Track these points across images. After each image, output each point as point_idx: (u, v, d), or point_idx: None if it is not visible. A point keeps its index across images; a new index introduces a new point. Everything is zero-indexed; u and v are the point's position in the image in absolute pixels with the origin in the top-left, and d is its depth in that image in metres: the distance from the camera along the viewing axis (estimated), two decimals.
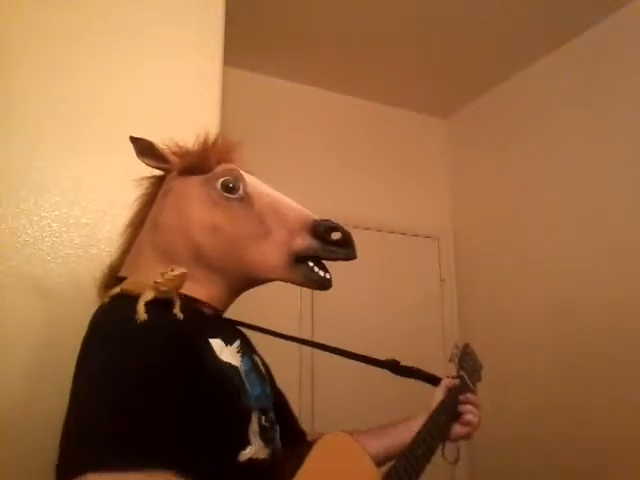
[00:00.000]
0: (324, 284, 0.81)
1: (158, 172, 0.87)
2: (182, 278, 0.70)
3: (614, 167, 2.25)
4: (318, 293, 2.65)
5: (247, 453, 0.69)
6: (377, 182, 2.98)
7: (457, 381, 1.02)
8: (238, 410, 0.72)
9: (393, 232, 2.96)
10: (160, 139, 0.85)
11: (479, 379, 1.11)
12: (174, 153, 0.85)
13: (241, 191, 0.80)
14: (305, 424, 0.97)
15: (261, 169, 0.81)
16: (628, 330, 2.09)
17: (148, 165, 0.85)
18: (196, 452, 0.59)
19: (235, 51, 2.29)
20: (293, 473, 0.67)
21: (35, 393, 1.05)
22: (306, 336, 2.54)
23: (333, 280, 0.80)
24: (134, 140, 0.84)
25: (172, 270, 0.70)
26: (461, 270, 3.04)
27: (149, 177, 0.88)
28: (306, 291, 2.55)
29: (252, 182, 0.83)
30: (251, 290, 0.84)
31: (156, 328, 0.67)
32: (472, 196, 3.06)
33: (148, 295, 0.69)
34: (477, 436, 0.97)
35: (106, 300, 0.74)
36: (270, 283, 0.83)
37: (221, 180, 0.80)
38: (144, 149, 0.84)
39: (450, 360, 1.09)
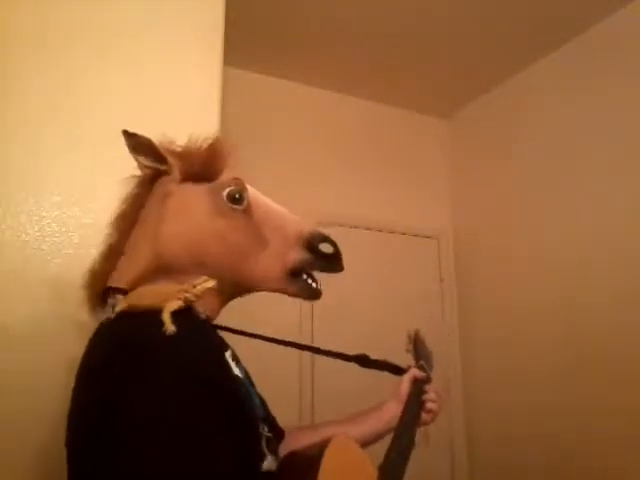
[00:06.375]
0: (316, 295, 0.85)
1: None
2: (209, 291, 0.69)
3: (614, 166, 2.25)
4: None
5: (265, 465, 0.68)
6: (377, 182, 2.98)
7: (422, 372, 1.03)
8: (254, 421, 0.70)
9: (393, 232, 2.96)
10: (160, 138, 0.83)
11: (432, 366, 1.11)
12: (172, 153, 0.81)
13: (246, 202, 0.80)
14: (305, 424, 0.97)
15: (261, 169, 0.81)
16: (630, 329, 2.08)
17: (141, 163, 0.82)
18: (243, 472, 0.60)
19: (235, 51, 2.29)
20: (313, 478, 0.65)
21: (33, 393, 1.05)
22: (306, 336, 2.54)
23: (333, 280, 0.82)
24: (129, 135, 0.80)
25: (205, 281, 0.68)
26: (461, 270, 3.04)
27: (137, 176, 0.84)
28: None
29: (251, 192, 0.83)
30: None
31: (193, 344, 0.65)
32: (472, 196, 3.06)
33: (174, 305, 0.65)
34: (478, 435, 0.98)
35: (112, 317, 0.69)
36: None
37: (227, 190, 0.79)
38: (140, 146, 0.80)
39: (407, 350, 1.10)
